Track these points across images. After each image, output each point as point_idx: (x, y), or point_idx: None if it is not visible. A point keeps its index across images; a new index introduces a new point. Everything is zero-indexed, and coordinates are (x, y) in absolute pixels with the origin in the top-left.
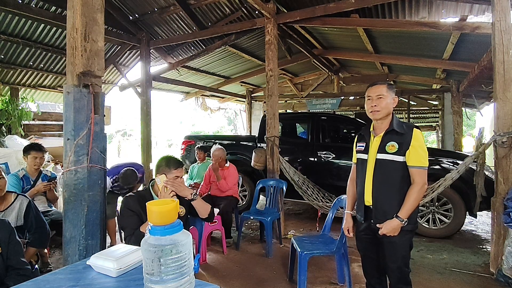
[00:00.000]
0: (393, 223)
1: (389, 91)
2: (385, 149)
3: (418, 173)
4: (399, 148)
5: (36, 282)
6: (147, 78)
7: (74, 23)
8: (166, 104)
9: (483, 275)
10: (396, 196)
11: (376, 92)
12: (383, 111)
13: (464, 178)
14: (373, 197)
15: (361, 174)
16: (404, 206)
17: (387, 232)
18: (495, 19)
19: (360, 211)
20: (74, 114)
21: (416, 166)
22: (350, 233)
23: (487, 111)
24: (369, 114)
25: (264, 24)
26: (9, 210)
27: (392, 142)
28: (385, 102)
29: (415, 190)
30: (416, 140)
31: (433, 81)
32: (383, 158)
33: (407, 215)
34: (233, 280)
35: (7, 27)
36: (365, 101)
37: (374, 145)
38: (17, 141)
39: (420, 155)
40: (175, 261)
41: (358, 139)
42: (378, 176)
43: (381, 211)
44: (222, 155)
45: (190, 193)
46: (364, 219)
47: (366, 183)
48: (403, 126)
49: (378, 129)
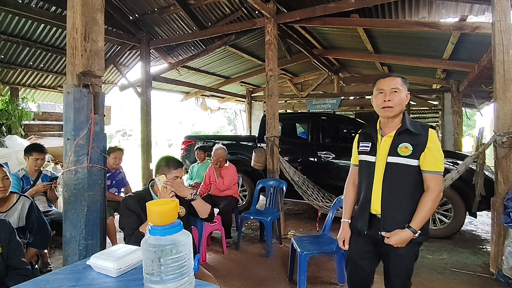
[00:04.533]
0: (404, 234)
1: (404, 85)
2: (397, 152)
3: (434, 179)
4: (413, 151)
5: (36, 282)
6: (147, 78)
7: (74, 23)
8: (166, 104)
9: (483, 275)
10: (408, 204)
11: (390, 85)
12: (397, 108)
13: (464, 178)
14: (383, 205)
15: (367, 179)
16: (418, 216)
17: (396, 243)
18: (495, 19)
19: (363, 220)
20: (74, 114)
21: (432, 171)
22: (345, 244)
23: (487, 111)
24: (380, 111)
25: (264, 24)
26: (12, 211)
27: (405, 143)
28: (400, 97)
29: (430, 198)
30: (432, 141)
31: (433, 81)
32: (395, 161)
33: (420, 226)
34: (233, 280)
35: (7, 27)
36: (374, 96)
37: (384, 147)
38: (17, 141)
39: (437, 159)
40: (175, 261)
41: (361, 139)
42: (388, 182)
43: (391, 221)
44: (223, 155)
45: (190, 193)
46: (368, 228)
47: (374, 189)
48: (417, 125)
49: (388, 128)
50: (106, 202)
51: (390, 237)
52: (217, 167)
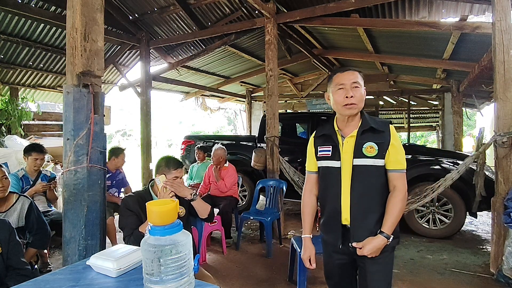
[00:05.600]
0: (377, 241)
1: (362, 79)
2: (363, 152)
3: (401, 178)
4: (379, 150)
5: (36, 282)
6: (147, 78)
7: (74, 23)
8: (166, 104)
9: (483, 275)
10: (378, 208)
11: (351, 79)
12: (360, 105)
13: (465, 178)
14: (352, 213)
15: (334, 187)
16: (388, 219)
17: (369, 253)
18: (496, 19)
19: (334, 233)
20: (74, 114)
21: (398, 169)
22: (313, 263)
23: (487, 111)
24: (341, 109)
25: (264, 24)
26: (11, 211)
27: (370, 142)
28: (361, 92)
29: (399, 198)
30: (394, 138)
31: (433, 81)
32: (362, 163)
33: (392, 229)
34: (233, 280)
35: (6, 27)
36: (333, 91)
37: (347, 149)
38: (17, 141)
39: (402, 156)
40: (174, 261)
41: (319, 142)
42: (357, 187)
43: (362, 229)
44: (222, 155)
45: (189, 193)
46: (342, 242)
47: (343, 197)
48: (378, 122)
49: (348, 128)
50: (106, 202)
51: (362, 247)
52: (217, 169)
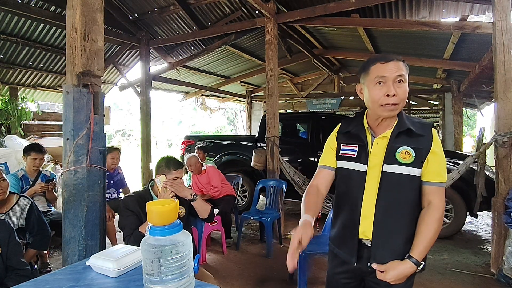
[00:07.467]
0: (404, 268)
1: (407, 71)
2: (396, 158)
3: (439, 193)
4: (416, 157)
5: (36, 283)
6: (146, 78)
7: (74, 23)
8: (166, 104)
9: (484, 275)
10: (407, 226)
11: (395, 71)
12: (402, 104)
13: (465, 178)
14: (375, 228)
15: (354, 194)
16: (421, 242)
17: (393, 280)
18: (496, 19)
19: (349, 248)
20: (74, 114)
21: (437, 182)
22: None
23: (487, 111)
24: (379, 109)
25: (264, 24)
26: (12, 212)
27: (406, 147)
28: (405, 88)
29: (435, 217)
30: (437, 144)
31: (434, 81)
32: (394, 171)
33: (424, 255)
34: (233, 281)
35: (6, 27)
36: (371, 86)
37: (377, 151)
38: (17, 141)
39: (443, 167)
40: (174, 262)
41: (343, 139)
42: (384, 198)
43: (386, 249)
44: (195, 162)
45: (190, 194)
46: (357, 260)
47: (364, 208)
48: (416, 123)
49: (379, 127)
50: (105, 202)
51: (385, 271)
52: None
